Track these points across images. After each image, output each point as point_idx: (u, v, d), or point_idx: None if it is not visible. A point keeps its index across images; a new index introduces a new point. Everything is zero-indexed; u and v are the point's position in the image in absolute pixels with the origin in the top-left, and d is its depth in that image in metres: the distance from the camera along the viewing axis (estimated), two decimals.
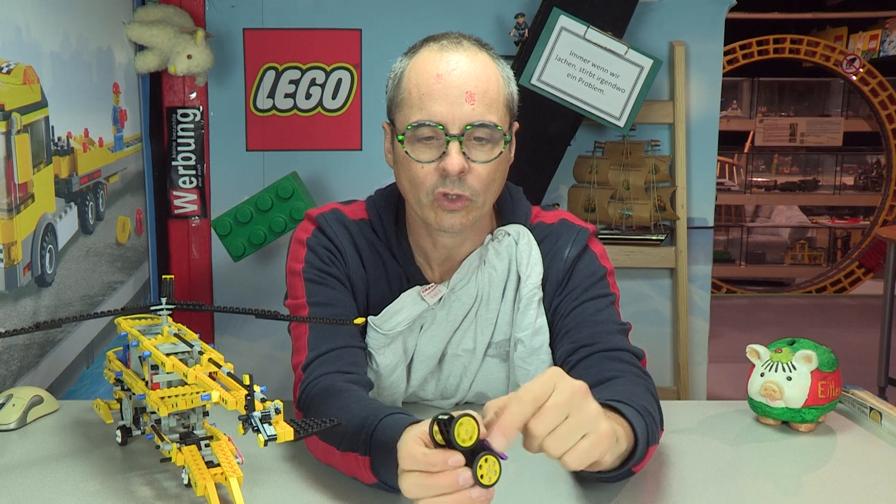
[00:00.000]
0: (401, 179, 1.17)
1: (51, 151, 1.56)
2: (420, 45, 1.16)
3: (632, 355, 1.14)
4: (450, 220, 1.13)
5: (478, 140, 1.10)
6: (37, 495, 0.95)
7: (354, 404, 1.03)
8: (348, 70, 2.41)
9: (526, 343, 1.21)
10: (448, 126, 1.09)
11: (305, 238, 1.24)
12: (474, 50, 1.13)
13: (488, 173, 1.12)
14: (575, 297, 1.21)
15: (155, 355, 0.93)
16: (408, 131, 1.10)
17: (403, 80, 1.14)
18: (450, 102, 1.09)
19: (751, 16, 5.82)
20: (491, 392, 1.27)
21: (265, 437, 0.82)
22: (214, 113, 2.40)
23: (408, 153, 1.11)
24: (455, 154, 1.08)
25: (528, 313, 1.21)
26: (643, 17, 2.43)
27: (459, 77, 1.09)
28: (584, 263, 1.24)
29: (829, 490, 0.99)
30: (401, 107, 1.14)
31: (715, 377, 2.68)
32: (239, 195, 2.36)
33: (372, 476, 0.95)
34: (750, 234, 6.51)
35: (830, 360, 1.16)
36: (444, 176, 1.10)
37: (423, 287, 1.21)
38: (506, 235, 1.23)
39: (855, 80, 5.57)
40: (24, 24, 1.46)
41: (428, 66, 1.11)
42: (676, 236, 2.54)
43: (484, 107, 1.10)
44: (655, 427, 0.99)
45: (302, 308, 1.19)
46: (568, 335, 1.19)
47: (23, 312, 1.41)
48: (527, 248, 1.22)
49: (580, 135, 2.46)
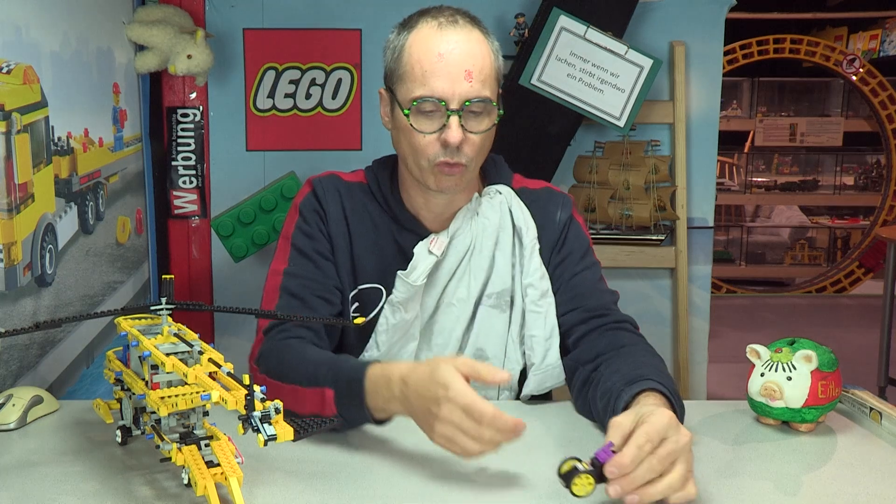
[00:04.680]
0: (401, 144, 1.28)
1: (51, 151, 1.56)
2: (417, 18, 1.27)
3: (632, 326, 1.30)
4: (447, 182, 1.26)
5: (474, 113, 1.22)
6: (37, 495, 0.95)
7: (316, 353, 1.19)
8: (348, 70, 2.41)
9: (536, 286, 1.31)
10: (449, 101, 1.20)
11: (299, 202, 1.36)
12: (469, 27, 1.25)
13: (482, 142, 1.25)
14: (572, 264, 1.35)
15: (155, 355, 0.93)
16: (413, 105, 1.22)
17: (405, 55, 1.24)
18: (451, 80, 1.20)
19: (751, 16, 5.82)
20: (489, 346, 1.33)
21: (265, 436, 0.82)
22: (214, 113, 2.40)
23: (412, 125, 1.23)
24: (455, 127, 1.21)
25: (533, 260, 1.32)
26: (643, 17, 2.43)
27: (459, 56, 1.21)
28: (575, 231, 1.38)
29: (829, 490, 0.99)
30: (403, 80, 1.24)
31: (715, 377, 2.68)
32: (239, 195, 2.36)
33: (333, 408, 1.10)
34: (750, 234, 6.51)
35: (830, 360, 1.16)
36: (444, 146, 1.22)
37: (428, 240, 1.32)
38: (497, 193, 1.35)
39: (855, 80, 5.57)
40: (24, 24, 1.46)
41: (429, 44, 1.22)
42: (676, 236, 2.54)
43: (480, 83, 1.21)
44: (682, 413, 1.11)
45: (278, 275, 1.32)
46: (574, 302, 1.32)
47: (23, 312, 1.41)
48: (519, 205, 1.35)
49: (580, 135, 2.46)
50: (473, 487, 0.98)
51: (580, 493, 0.89)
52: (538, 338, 1.30)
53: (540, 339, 1.30)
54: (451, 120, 1.21)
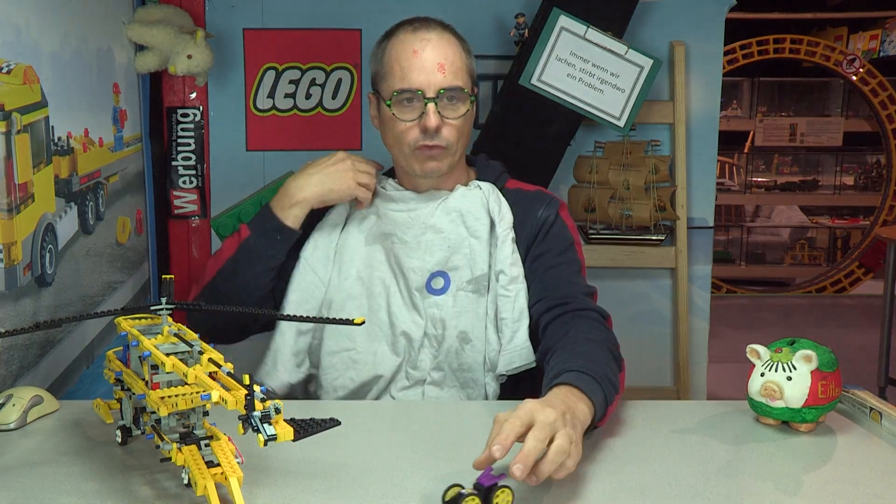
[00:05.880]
0: (387, 137, 1.46)
1: (51, 151, 1.56)
2: (395, 28, 1.45)
3: (598, 314, 1.36)
4: (431, 165, 1.42)
5: (449, 101, 1.39)
6: (37, 495, 0.95)
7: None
8: (348, 70, 2.41)
9: (507, 273, 1.42)
10: (425, 90, 1.38)
11: None
12: (440, 30, 1.42)
13: (458, 126, 1.41)
14: (550, 258, 1.44)
15: (155, 355, 0.93)
16: (394, 97, 1.39)
17: (385, 57, 1.43)
18: (426, 72, 1.38)
19: (751, 16, 5.83)
20: (472, 329, 1.42)
21: (265, 436, 0.82)
22: (214, 113, 2.40)
23: (395, 114, 1.40)
24: (432, 114, 1.38)
25: (505, 248, 1.43)
26: (643, 17, 2.43)
27: (432, 52, 1.39)
28: (557, 229, 1.47)
29: (829, 490, 0.99)
30: (385, 78, 1.42)
31: (715, 377, 2.67)
32: (239, 195, 2.35)
33: (247, 230, 1.47)
34: (750, 234, 6.51)
35: (830, 360, 1.16)
36: (424, 131, 1.39)
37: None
38: (477, 188, 1.48)
39: (855, 80, 5.57)
40: (24, 24, 1.46)
41: (405, 44, 1.40)
42: (676, 236, 2.54)
43: (452, 74, 1.39)
44: (612, 388, 1.16)
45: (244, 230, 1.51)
46: (543, 292, 1.41)
47: (23, 312, 1.41)
48: (496, 198, 1.47)
49: (580, 135, 2.46)
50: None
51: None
52: (507, 320, 1.40)
53: (509, 322, 1.40)
54: (428, 107, 1.38)
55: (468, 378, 1.43)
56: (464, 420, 1.27)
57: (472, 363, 1.42)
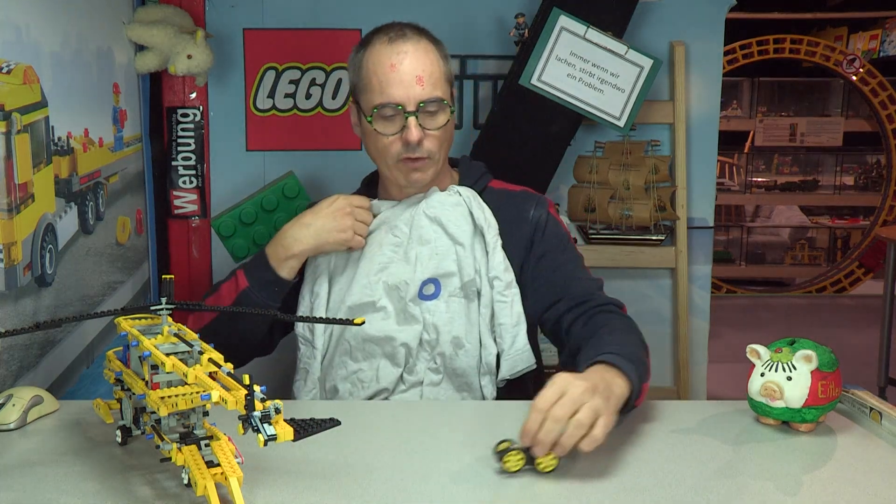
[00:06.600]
0: (369, 148, 1.48)
1: (51, 151, 1.56)
2: (370, 37, 1.44)
3: (615, 307, 1.39)
4: (415, 176, 1.44)
5: (429, 112, 1.40)
6: (37, 495, 0.95)
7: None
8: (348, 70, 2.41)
9: (502, 278, 1.43)
10: (405, 105, 1.38)
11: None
12: (416, 38, 1.41)
13: (439, 136, 1.42)
14: (554, 257, 1.46)
15: (155, 355, 0.93)
16: (374, 112, 1.40)
17: (362, 70, 1.43)
18: (404, 87, 1.37)
19: (751, 16, 5.82)
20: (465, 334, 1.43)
21: (265, 436, 0.82)
22: (214, 113, 2.40)
23: (376, 129, 1.41)
24: (413, 127, 1.38)
25: (496, 254, 1.44)
26: (643, 17, 2.43)
27: (409, 65, 1.38)
28: (552, 227, 1.49)
29: (829, 490, 0.99)
30: (364, 91, 1.43)
31: (715, 377, 2.67)
32: (239, 195, 2.36)
33: (245, 280, 1.47)
34: (750, 234, 6.50)
35: (830, 360, 1.16)
36: (406, 144, 1.39)
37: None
38: (456, 194, 1.48)
39: (855, 80, 5.57)
40: (24, 24, 1.46)
41: (382, 57, 1.39)
42: (676, 236, 2.54)
43: (431, 86, 1.38)
44: (645, 369, 1.23)
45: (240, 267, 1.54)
46: (559, 293, 1.42)
47: (23, 312, 1.41)
48: (479, 205, 1.47)
49: (580, 135, 2.46)
50: (474, 487, 0.98)
51: (511, 469, 0.99)
52: (506, 325, 1.42)
53: (507, 327, 1.42)
54: (409, 121, 1.38)
55: (462, 382, 1.44)
56: (463, 420, 1.27)
57: (466, 368, 1.42)
